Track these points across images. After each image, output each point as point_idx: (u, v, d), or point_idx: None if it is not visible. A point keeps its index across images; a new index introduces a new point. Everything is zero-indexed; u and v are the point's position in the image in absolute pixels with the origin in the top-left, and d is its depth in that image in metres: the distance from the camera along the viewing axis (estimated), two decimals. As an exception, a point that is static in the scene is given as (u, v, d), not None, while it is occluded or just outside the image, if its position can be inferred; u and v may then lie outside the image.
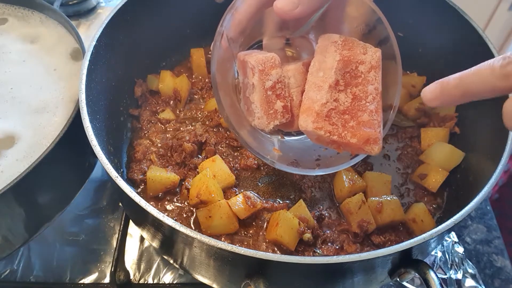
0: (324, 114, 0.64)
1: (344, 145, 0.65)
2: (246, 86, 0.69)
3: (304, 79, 0.70)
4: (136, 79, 0.95)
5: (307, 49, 0.78)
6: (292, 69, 0.70)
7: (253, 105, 0.68)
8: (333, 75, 0.65)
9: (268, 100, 0.67)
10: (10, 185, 0.61)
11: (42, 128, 0.75)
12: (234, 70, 0.74)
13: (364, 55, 0.66)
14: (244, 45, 0.74)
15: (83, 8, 1.37)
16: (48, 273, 0.89)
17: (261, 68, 0.65)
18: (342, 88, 0.65)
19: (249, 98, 0.68)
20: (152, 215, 0.57)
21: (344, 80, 0.66)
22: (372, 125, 0.64)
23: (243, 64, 0.69)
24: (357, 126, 0.64)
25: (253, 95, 0.67)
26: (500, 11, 1.78)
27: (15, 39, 0.89)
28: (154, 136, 0.90)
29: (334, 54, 0.66)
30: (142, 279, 0.88)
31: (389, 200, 0.76)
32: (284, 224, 0.71)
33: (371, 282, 0.69)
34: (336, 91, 0.65)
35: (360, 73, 0.66)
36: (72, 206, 0.81)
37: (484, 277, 0.91)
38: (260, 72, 0.65)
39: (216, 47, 0.66)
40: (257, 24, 0.72)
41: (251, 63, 0.66)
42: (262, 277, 0.57)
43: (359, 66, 0.66)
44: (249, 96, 0.68)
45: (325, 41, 0.69)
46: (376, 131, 0.64)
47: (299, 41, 0.79)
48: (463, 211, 0.60)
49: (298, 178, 0.84)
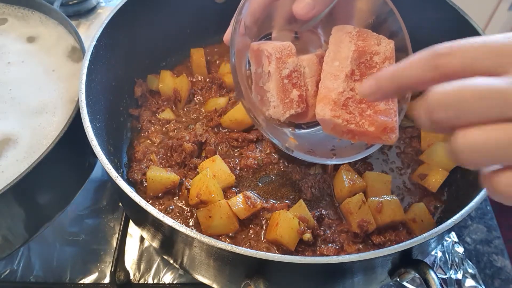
0: (341, 102, 0.63)
1: (360, 134, 0.64)
2: (260, 75, 0.68)
3: (318, 69, 0.70)
4: (136, 79, 0.96)
5: (315, 43, 0.78)
6: (306, 59, 0.70)
7: (268, 94, 0.67)
8: (348, 64, 0.64)
9: (284, 88, 0.66)
10: (10, 185, 0.61)
11: (41, 129, 0.75)
12: (246, 60, 0.74)
13: (378, 46, 0.66)
14: (255, 37, 0.74)
15: (83, 8, 1.37)
16: (48, 273, 0.89)
17: (278, 56, 0.65)
18: (358, 77, 0.65)
19: (263, 88, 0.68)
20: (152, 215, 0.57)
21: (360, 70, 0.65)
22: (389, 114, 0.63)
23: (257, 53, 0.68)
24: (374, 115, 0.63)
25: (268, 84, 0.67)
26: (500, 11, 1.78)
27: (15, 39, 0.89)
28: (154, 136, 0.90)
29: (349, 45, 0.66)
30: (142, 279, 0.88)
31: (389, 200, 0.76)
32: (284, 224, 0.71)
33: (371, 282, 0.69)
34: (352, 80, 0.65)
35: (374, 63, 0.66)
36: (72, 206, 0.81)
37: (484, 277, 0.91)
38: (277, 60, 0.65)
39: (235, 33, 0.65)
40: (267, 17, 0.72)
41: (268, 50, 0.65)
42: (262, 277, 0.57)
43: (374, 57, 0.66)
44: (264, 85, 0.68)
45: (339, 32, 0.69)
46: (393, 120, 0.63)
47: (307, 35, 0.79)
48: (463, 211, 0.60)
49: (298, 178, 0.84)
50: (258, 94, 0.70)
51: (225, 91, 0.97)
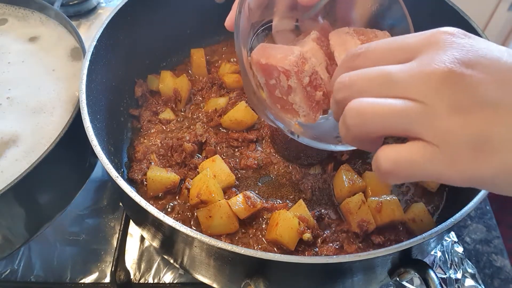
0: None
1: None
2: (274, 87, 0.67)
3: (322, 54, 0.69)
4: (136, 79, 0.96)
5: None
6: (310, 49, 0.68)
7: (295, 106, 0.67)
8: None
9: (309, 95, 0.66)
10: (11, 185, 0.61)
11: (40, 128, 0.75)
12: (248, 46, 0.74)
13: (377, 38, 0.67)
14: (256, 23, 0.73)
15: (84, 8, 1.37)
16: (48, 273, 0.89)
17: (296, 70, 0.64)
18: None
19: (282, 99, 0.67)
20: (152, 215, 0.57)
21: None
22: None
23: (265, 67, 0.67)
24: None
25: (293, 97, 0.66)
26: (500, 11, 1.79)
27: (15, 39, 0.89)
28: (154, 136, 0.90)
29: (354, 40, 0.66)
30: (143, 279, 0.88)
31: (389, 200, 0.76)
32: (284, 224, 0.71)
33: (370, 282, 0.69)
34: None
35: None
36: (73, 206, 0.81)
37: (483, 277, 0.91)
38: (296, 74, 0.64)
39: (241, 15, 0.64)
40: (270, 2, 0.71)
41: (284, 68, 0.64)
42: (262, 277, 0.58)
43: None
44: (285, 97, 0.67)
45: (337, 34, 0.69)
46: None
47: (308, 23, 0.78)
48: (462, 211, 0.60)
49: (298, 178, 0.84)
50: (277, 103, 0.69)
51: (225, 91, 0.97)
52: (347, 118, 0.44)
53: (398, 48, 0.45)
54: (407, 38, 0.45)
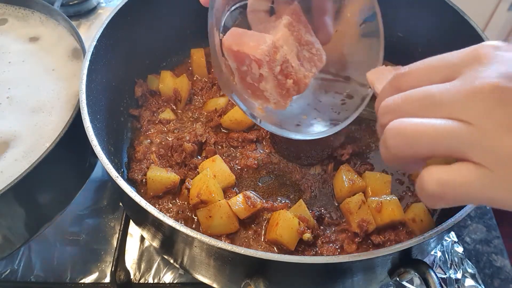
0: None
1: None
2: (245, 73, 0.68)
3: (293, 40, 0.69)
4: (136, 79, 0.96)
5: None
6: (281, 36, 0.68)
7: (266, 93, 0.67)
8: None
9: (280, 83, 0.67)
10: (11, 185, 0.61)
11: (39, 128, 0.75)
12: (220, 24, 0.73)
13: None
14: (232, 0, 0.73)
15: (84, 8, 1.37)
16: (48, 273, 0.89)
17: (268, 59, 0.65)
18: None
19: (253, 85, 0.68)
20: (152, 215, 0.57)
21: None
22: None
23: (237, 54, 0.67)
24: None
25: (263, 84, 0.67)
26: (500, 11, 1.79)
27: (15, 39, 0.89)
28: (154, 136, 0.90)
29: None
30: (143, 279, 0.88)
31: (389, 200, 0.76)
32: (284, 224, 0.71)
33: (370, 282, 0.69)
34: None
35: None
36: (73, 206, 0.81)
37: (483, 277, 0.91)
38: (268, 63, 0.65)
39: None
40: None
41: (256, 57, 0.64)
42: (262, 277, 0.58)
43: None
44: (256, 83, 0.67)
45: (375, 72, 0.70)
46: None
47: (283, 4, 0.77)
48: (462, 211, 0.60)
49: (298, 178, 0.84)
50: (248, 89, 0.70)
51: (225, 91, 0.97)
52: (386, 139, 0.43)
53: (441, 65, 0.44)
54: (450, 55, 0.44)
